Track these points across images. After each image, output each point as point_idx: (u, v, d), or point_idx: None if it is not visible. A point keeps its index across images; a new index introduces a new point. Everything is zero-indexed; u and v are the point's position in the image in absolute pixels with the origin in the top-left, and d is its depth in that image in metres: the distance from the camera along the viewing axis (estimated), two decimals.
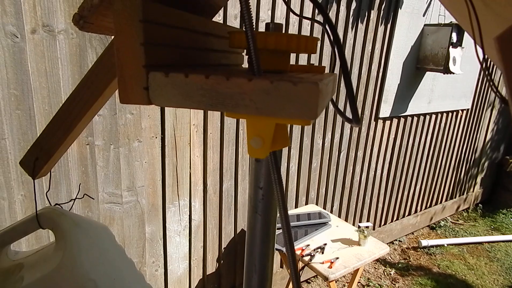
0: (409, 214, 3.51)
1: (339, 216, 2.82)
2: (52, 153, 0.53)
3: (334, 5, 2.20)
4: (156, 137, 1.69)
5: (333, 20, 2.22)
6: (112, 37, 0.50)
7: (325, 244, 1.88)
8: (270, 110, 0.30)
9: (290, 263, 0.35)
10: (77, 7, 1.33)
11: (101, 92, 0.48)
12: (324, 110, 2.39)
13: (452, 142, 3.63)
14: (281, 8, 1.95)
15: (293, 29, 2.04)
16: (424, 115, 3.15)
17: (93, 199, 1.45)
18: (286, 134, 0.37)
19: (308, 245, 1.87)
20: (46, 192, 0.63)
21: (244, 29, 0.34)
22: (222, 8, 1.73)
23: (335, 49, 0.35)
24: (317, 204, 2.60)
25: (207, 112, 1.82)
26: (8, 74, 1.28)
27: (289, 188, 2.38)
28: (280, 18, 1.98)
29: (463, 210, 4.29)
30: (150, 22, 0.31)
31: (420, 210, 3.64)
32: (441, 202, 3.88)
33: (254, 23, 0.32)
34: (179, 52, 0.37)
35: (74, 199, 0.69)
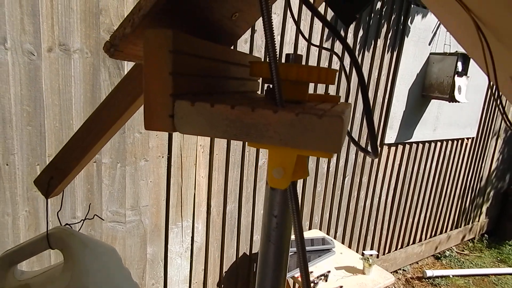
0: (414, 242, 3.45)
1: (343, 242, 2.77)
2: (67, 173, 0.53)
3: (341, 33, 2.24)
4: (162, 157, 1.70)
5: (341, 47, 2.26)
6: (129, 62, 0.51)
7: (329, 272, 1.84)
8: (294, 142, 0.30)
9: None
10: (94, 28, 1.37)
11: (120, 115, 0.49)
12: None
13: (457, 170, 3.61)
14: (290, 33, 2.00)
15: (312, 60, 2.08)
16: (430, 142, 3.15)
17: (103, 220, 1.44)
18: (306, 165, 0.37)
19: (311, 272, 1.83)
20: (58, 212, 0.63)
21: (268, 60, 0.35)
22: None
23: (360, 89, 0.35)
24: (320, 229, 2.56)
25: None
26: (22, 90, 1.30)
27: None
28: (289, 43, 2.02)
29: (469, 240, 4.21)
30: (179, 53, 0.32)
31: (425, 239, 3.57)
32: (446, 231, 3.81)
33: (277, 55, 0.33)
34: (202, 80, 0.38)
35: (84, 220, 0.69)
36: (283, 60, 0.45)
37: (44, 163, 1.40)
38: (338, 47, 2.25)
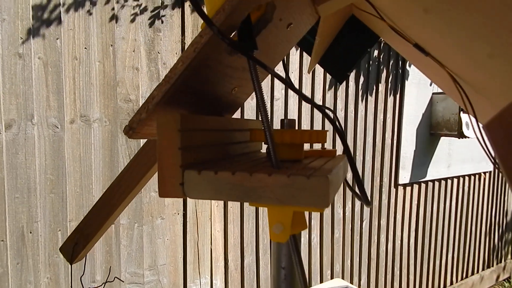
0: (445, 286, 3.26)
1: None
2: (91, 238, 0.58)
3: (343, 82, 2.35)
4: (178, 214, 1.73)
5: (343, 94, 2.36)
6: (145, 142, 0.58)
7: None
8: (288, 200, 0.34)
9: None
10: (111, 99, 1.49)
11: (137, 183, 0.54)
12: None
13: (479, 206, 3.50)
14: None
15: (306, 105, 2.17)
16: (445, 179, 3.11)
17: (123, 281, 1.46)
18: (304, 218, 0.41)
19: None
20: (81, 277, 0.66)
21: (262, 127, 0.40)
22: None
23: (343, 147, 0.40)
24: (343, 278, 2.47)
25: None
26: (46, 161, 1.40)
27: (312, 261, 2.30)
28: (293, 95, 2.12)
29: (504, 279, 3.94)
30: (186, 130, 0.38)
31: (456, 282, 3.37)
32: (477, 272, 3.60)
33: (269, 120, 0.38)
34: (208, 149, 0.43)
35: (105, 283, 0.72)
36: (279, 125, 0.51)
37: (65, 228, 1.46)
38: (341, 94, 2.35)
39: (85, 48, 1.46)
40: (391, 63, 2.60)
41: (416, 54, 0.61)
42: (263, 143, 0.55)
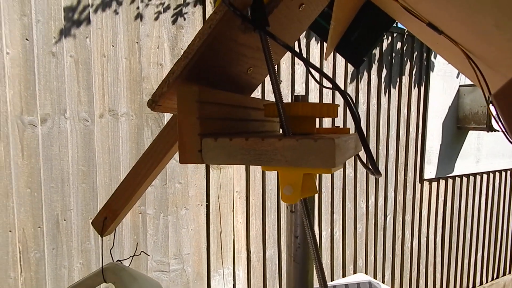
0: (474, 286, 3.15)
1: (393, 286, 2.61)
2: (119, 213, 0.62)
3: (365, 74, 2.33)
4: (201, 205, 1.79)
5: (365, 88, 2.34)
6: (166, 118, 0.61)
7: None
8: (297, 162, 0.37)
9: None
10: (137, 94, 1.56)
11: (161, 158, 0.58)
12: (365, 174, 2.39)
13: (511, 203, 3.36)
14: (314, 82, 2.12)
15: (326, 99, 2.17)
16: (474, 175, 3.01)
17: (148, 255, 1.53)
18: (314, 183, 0.43)
19: None
20: (110, 249, 0.71)
21: (275, 101, 0.43)
22: (261, 87, 1.92)
23: (351, 111, 0.42)
24: (366, 273, 2.45)
25: (249, 179, 1.91)
26: (78, 153, 1.49)
27: (335, 255, 2.30)
28: (314, 89, 2.13)
29: None
30: (203, 102, 0.42)
31: (486, 282, 3.25)
32: (510, 272, 3.45)
33: (283, 95, 0.41)
34: (225, 123, 0.46)
35: (132, 256, 0.77)
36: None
37: None
38: (363, 87, 2.33)
39: (113, 45, 1.53)
40: (415, 55, 2.55)
41: (431, 34, 0.62)
42: (279, 126, 0.57)
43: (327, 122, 2.11)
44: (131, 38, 1.58)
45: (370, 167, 0.48)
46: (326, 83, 2.18)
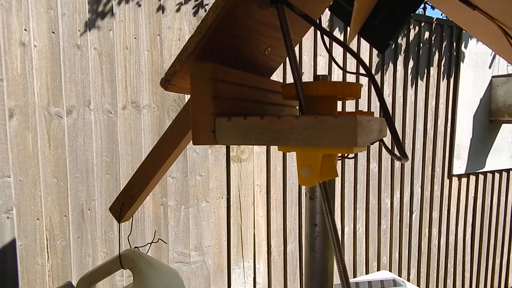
0: (506, 286, 3.00)
1: (418, 285, 2.53)
2: (136, 199, 0.62)
3: (391, 65, 2.25)
4: (222, 198, 1.78)
5: (391, 79, 2.26)
6: (185, 103, 0.60)
7: None
8: (315, 141, 0.34)
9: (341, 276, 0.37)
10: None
11: (177, 144, 0.57)
12: (390, 169, 2.31)
13: None
14: (337, 72, 2.07)
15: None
16: (507, 171, 2.86)
17: (166, 243, 1.55)
18: (334, 166, 0.40)
19: None
20: (128, 236, 0.72)
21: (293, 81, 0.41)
22: (283, 74, 1.89)
23: (378, 97, 0.39)
24: (390, 270, 2.38)
25: (270, 172, 1.89)
26: (102, 144, 1.51)
27: (358, 252, 2.24)
28: (337, 73, 2.07)
29: None
30: (218, 80, 0.40)
31: None
32: None
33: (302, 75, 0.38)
34: (241, 104, 0.44)
35: (150, 243, 0.77)
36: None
37: None
38: (388, 79, 2.25)
39: (135, 38, 1.55)
40: (444, 45, 2.43)
41: (464, 11, 0.57)
42: (298, 109, 0.55)
43: (350, 107, 2.05)
44: (153, 31, 1.58)
45: (396, 152, 0.45)
46: (349, 68, 2.13)
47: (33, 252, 1.42)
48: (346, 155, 0.55)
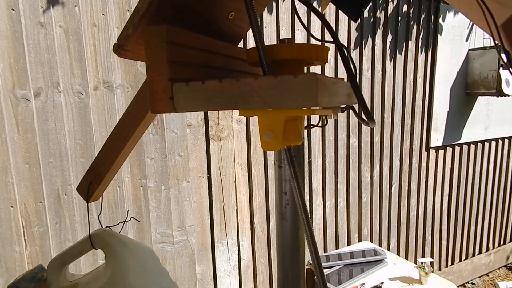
0: (480, 252, 3.16)
1: (398, 254, 2.62)
2: (104, 176, 0.60)
3: (369, 39, 2.24)
4: (203, 177, 1.77)
5: (370, 54, 2.25)
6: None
7: (382, 283, 1.75)
8: (276, 102, 0.33)
9: (312, 253, 0.36)
10: (132, 64, 1.51)
11: (143, 115, 0.55)
12: (370, 143, 2.34)
13: None
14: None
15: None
16: (482, 142, 2.94)
17: (139, 221, 1.55)
18: (299, 130, 0.39)
19: (363, 284, 1.75)
20: (98, 215, 0.69)
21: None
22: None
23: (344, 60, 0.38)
24: (371, 241, 2.45)
25: (250, 150, 1.88)
26: (74, 126, 1.46)
27: (339, 224, 2.29)
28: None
29: None
30: (174, 44, 0.37)
31: (493, 248, 3.25)
32: None
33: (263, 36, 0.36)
34: (200, 69, 0.42)
35: (123, 222, 0.75)
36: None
37: None
38: (367, 53, 2.24)
39: (103, 14, 1.47)
40: (422, 18, 2.43)
41: None
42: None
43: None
44: (122, 6, 1.51)
45: (363, 116, 0.44)
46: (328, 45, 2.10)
47: (10, 240, 1.38)
48: (317, 123, 0.54)
